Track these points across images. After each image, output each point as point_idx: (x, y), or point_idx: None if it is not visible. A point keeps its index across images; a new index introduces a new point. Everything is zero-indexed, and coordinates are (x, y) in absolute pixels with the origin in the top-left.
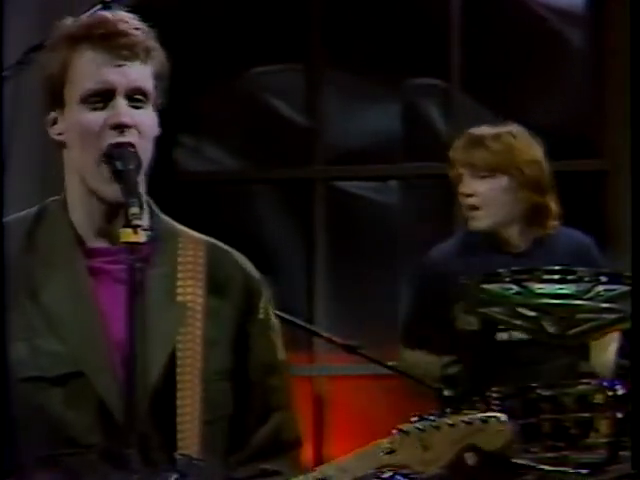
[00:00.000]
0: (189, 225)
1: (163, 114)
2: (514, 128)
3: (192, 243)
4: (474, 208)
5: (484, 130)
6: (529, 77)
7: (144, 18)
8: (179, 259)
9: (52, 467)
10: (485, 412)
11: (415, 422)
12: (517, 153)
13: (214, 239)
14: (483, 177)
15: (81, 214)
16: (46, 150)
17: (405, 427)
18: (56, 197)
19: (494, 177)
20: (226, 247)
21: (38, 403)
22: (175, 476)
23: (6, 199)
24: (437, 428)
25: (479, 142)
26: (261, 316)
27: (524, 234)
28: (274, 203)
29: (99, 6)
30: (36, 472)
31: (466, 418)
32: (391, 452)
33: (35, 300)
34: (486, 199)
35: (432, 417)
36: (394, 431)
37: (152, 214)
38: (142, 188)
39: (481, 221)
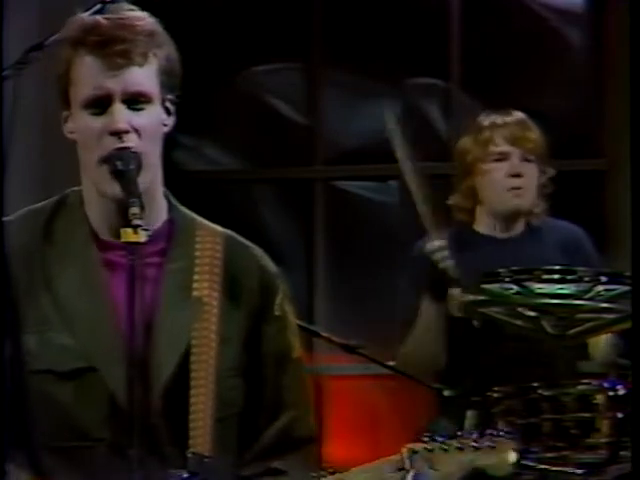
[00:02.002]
0: None
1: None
2: None
3: (210, 236)
4: (520, 193)
5: (519, 114)
6: (529, 77)
7: None
8: (196, 253)
9: (62, 459)
10: (495, 437)
11: (425, 441)
12: (545, 144)
13: (233, 232)
14: (528, 160)
15: (95, 209)
16: (46, 150)
17: (415, 447)
18: (76, 188)
19: (534, 162)
20: (245, 241)
21: (49, 395)
22: (185, 475)
23: (6, 199)
24: (445, 450)
25: (528, 125)
26: (277, 313)
27: (523, 222)
28: (274, 203)
29: (100, 5)
30: (46, 463)
31: (474, 442)
32: (401, 469)
33: (49, 291)
34: (529, 182)
35: (441, 438)
36: (403, 449)
37: (170, 207)
38: (160, 183)
39: (523, 199)
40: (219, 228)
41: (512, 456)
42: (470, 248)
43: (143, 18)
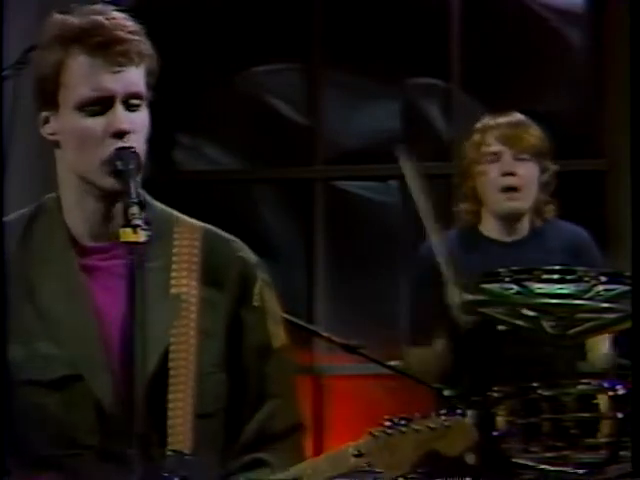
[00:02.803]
0: None
1: (163, 114)
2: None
3: (188, 232)
4: (512, 189)
5: (515, 115)
6: (529, 77)
7: (143, 18)
8: (174, 250)
9: (52, 468)
10: (450, 417)
11: (385, 426)
12: (546, 141)
13: (211, 225)
14: (523, 160)
15: (75, 213)
16: (46, 150)
17: (374, 431)
18: (52, 194)
19: (532, 161)
20: (223, 233)
21: (36, 405)
22: (165, 474)
23: (6, 199)
24: (403, 433)
25: (523, 125)
26: (255, 304)
27: (528, 222)
28: (274, 203)
29: (95, 5)
30: (36, 472)
31: (431, 423)
32: (359, 455)
33: (31, 301)
34: (525, 181)
35: (402, 422)
36: (364, 434)
37: (145, 205)
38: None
39: (519, 202)
40: (198, 223)
41: (466, 436)
42: (473, 250)
43: (129, 19)
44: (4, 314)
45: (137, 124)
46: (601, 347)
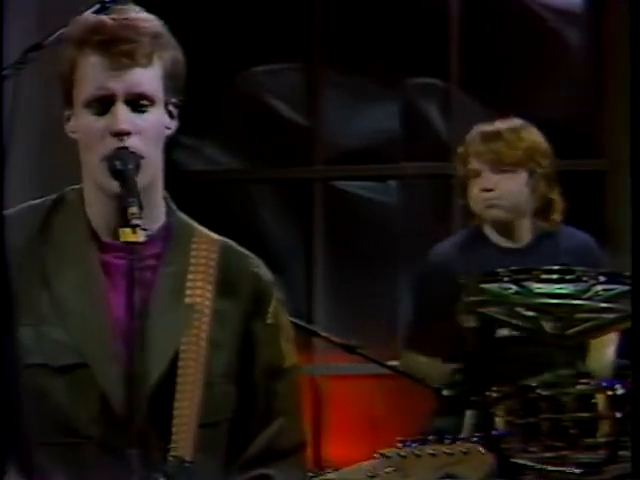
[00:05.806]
0: None
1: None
2: (521, 122)
3: (206, 243)
4: (493, 203)
5: (498, 124)
6: (529, 77)
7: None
8: (191, 259)
9: (52, 456)
10: (468, 444)
11: (398, 447)
12: (535, 147)
13: (230, 240)
14: (503, 171)
15: (95, 209)
16: (46, 150)
17: (387, 452)
18: (75, 186)
19: (514, 172)
20: (241, 249)
21: (40, 390)
22: (162, 478)
23: (6, 198)
24: (418, 456)
25: (499, 136)
26: (269, 321)
27: (531, 228)
28: (274, 203)
29: (103, 5)
30: (36, 460)
31: (447, 449)
32: (373, 476)
33: (46, 288)
34: (506, 194)
35: (415, 444)
36: (376, 455)
37: (169, 211)
38: (160, 186)
39: (500, 210)
40: (216, 236)
41: (485, 462)
42: (478, 255)
43: (149, 20)
44: (6, 305)
45: (141, 125)
46: (604, 354)
